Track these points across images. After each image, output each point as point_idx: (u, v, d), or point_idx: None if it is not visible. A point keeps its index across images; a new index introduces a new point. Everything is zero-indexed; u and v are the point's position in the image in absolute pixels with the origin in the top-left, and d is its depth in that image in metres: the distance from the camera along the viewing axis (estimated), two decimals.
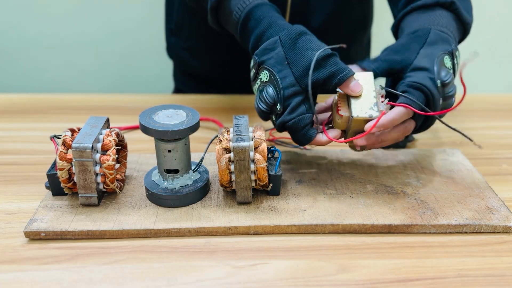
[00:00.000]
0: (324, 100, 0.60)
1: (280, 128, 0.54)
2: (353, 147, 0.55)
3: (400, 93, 0.52)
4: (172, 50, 0.95)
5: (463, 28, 0.63)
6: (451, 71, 0.55)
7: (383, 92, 0.54)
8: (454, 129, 0.55)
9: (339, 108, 0.52)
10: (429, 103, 0.52)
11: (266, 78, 0.54)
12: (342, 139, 0.53)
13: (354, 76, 0.52)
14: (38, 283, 0.42)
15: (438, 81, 0.52)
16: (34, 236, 0.47)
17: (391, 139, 0.53)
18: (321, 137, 0.53)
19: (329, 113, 0.57)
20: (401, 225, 0.49)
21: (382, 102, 0.52)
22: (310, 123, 0.52)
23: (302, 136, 0.52)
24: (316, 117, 0.54)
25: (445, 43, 0.56)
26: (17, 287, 0.41)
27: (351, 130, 0.52)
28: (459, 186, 0.57)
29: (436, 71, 0.53)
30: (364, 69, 0.56)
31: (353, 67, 0.56)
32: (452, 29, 0.60)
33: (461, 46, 0.59)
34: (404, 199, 0.54)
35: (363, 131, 0.51)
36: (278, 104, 0.52)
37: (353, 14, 0.85)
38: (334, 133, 0.53)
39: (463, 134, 0.56)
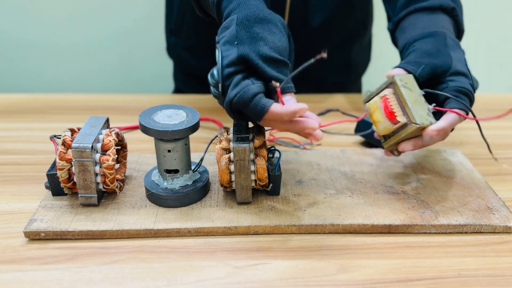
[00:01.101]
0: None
1: (229, 109, 0.47)
2: (392, 151, 0.54)
3: (454, 97, 0.51)
4: (172, 50, 0.95)
5: (457, 36, 0.64)
6: None
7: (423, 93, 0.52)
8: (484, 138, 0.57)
9: (394, 113, 0.49)
10: (469, 108, 0.53)
11: (217, 59, 0.48)
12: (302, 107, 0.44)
13: (291, 94, 0.46)
14: (38, 283, 0.42)
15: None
16: (34, 236, 0.47)
17: (433, 143, 0.52)
18: (277, 107, 0.45)
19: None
20: (401, 225, 0.49)
21: (428, 107, 0.51)
22: (260, 92, 0.45)
23: (254, 108, 0.45)
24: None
25: (460, 48, 0.57)
26: (17, 287, 0.41)
27: (401, 136, 0.50)
28: (459, 186, 0.57)
29: (470, 75, 0.53)
30: (408, 72, 0.53)
31: (397, 70, 0.53)
32: (452, 34, 0.60)
33: (463, 48, 0.59)
34: (404, 199, 0.54)
35: (412, 137, 0.50)
36: (220, 84, 0.47)
37: (353, 14, 0.85)
38: (294, 104, 0.45)
39: (488, 147, 0.59)
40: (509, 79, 1.60)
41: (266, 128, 0.53)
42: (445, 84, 0.53)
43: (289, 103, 0.45)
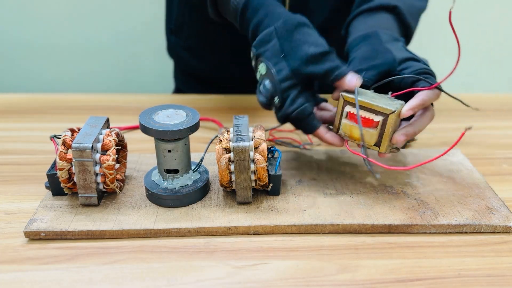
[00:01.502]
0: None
1: (282, 120, 0.54)
2: (392, 150, 0.54)
3: (420, 77, 0.51)
4: (172, 49, 0.95)
5: (405, 33, 0.64)
6: None
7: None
8: (452, 96, 0.55)
9: (368, 118, 0.50)
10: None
11: (264, 71, 0.53)
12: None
13: (350, 72, 0.51)
14: (38, 283, 0.42)
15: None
16: (34, 236, 0.47)
17: (424, 126, 0.53)
18: (323, 131, 0.53)
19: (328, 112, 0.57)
20: (401, 225, 0.49)
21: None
22: (313, 114, 0.53)
23: (306, 125, 0.53)
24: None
25: (397, 40, 0.58)
26: (17, 287, 0.41)
27: (389, 132, 0.50)
28: (459, 186, 0.57)
29: (418, 57, 0.54)
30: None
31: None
32: (395, 31, 0.61)
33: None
34: (404, 199, 0.54)
35: (394, 129, 0.50)
36: (276, 97, 0.52)
37: None
38: (334, 138, 0.53)
39: (461, 102, 0.56)
40: (510, 79, 1.60)
41: (266, 128, 0.54)
42: (401, 74, 0.53)
43: (329, 136, 0.53)
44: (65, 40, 1.38)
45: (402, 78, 0.53)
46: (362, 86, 0.53)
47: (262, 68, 0.54)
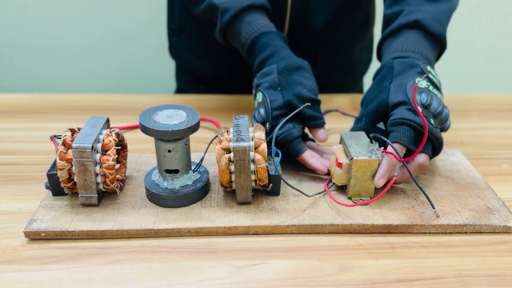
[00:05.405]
0: None
1: (270, 144, 0.55)
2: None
3: (386, 139, 0.53)
4: (174, 50, 0.95)
5: (437, 41, 0.63)
6: (431, 87, 0.57)
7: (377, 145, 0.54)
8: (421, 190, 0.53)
9: (337, 159, 0.53)
10: (418, 132, 0.53)
11: (260, 99, 0.59)
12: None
13: (324, 127, 0.58)
14: (38, 283, 0.42)
15: (419, 108, 0.53)
16: (34, 236, 0.47)
17: (406, 176, 0.55)
18: (308, 156, 0.56)
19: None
20: (401, 225, 0.49)
21: (378, 151, 0.53)
22: (299, 138, 0.56)
23: (292, 148, 0.56)
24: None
25: (412, 67, 0.58)
26: (17, 287, 0.41)
27: (355, 178, 0.52)
28: (459, 186, 0.57)
29: (411, 98, 0.54)
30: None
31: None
32: (419, 47, 0.61)
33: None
34: (404, 199, 0.54)
35: (363, 177, 0.52)
36: (267, 123, 0.57)
37: (355, 15, 0.85)
38: (318, 163, 0.57)
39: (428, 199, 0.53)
40: (509, 79, 1.60)
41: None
42: (388, 120, 0.55)
43: (314, 162, 0.56)
44: (66, 40, 1.38)
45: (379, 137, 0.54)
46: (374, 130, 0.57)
47: (259, 97, 0.59)
